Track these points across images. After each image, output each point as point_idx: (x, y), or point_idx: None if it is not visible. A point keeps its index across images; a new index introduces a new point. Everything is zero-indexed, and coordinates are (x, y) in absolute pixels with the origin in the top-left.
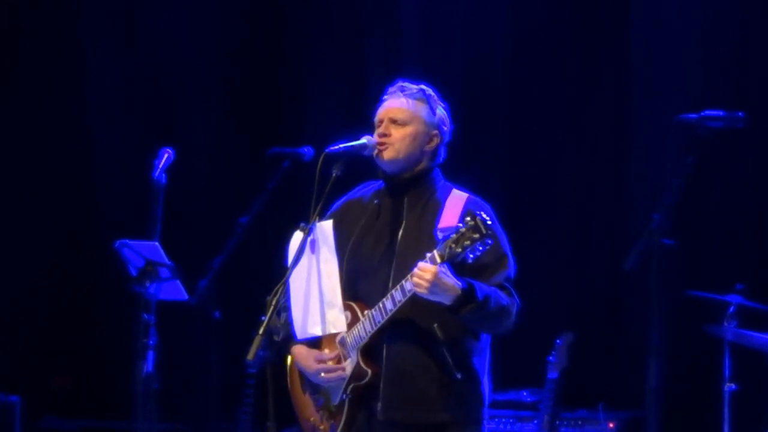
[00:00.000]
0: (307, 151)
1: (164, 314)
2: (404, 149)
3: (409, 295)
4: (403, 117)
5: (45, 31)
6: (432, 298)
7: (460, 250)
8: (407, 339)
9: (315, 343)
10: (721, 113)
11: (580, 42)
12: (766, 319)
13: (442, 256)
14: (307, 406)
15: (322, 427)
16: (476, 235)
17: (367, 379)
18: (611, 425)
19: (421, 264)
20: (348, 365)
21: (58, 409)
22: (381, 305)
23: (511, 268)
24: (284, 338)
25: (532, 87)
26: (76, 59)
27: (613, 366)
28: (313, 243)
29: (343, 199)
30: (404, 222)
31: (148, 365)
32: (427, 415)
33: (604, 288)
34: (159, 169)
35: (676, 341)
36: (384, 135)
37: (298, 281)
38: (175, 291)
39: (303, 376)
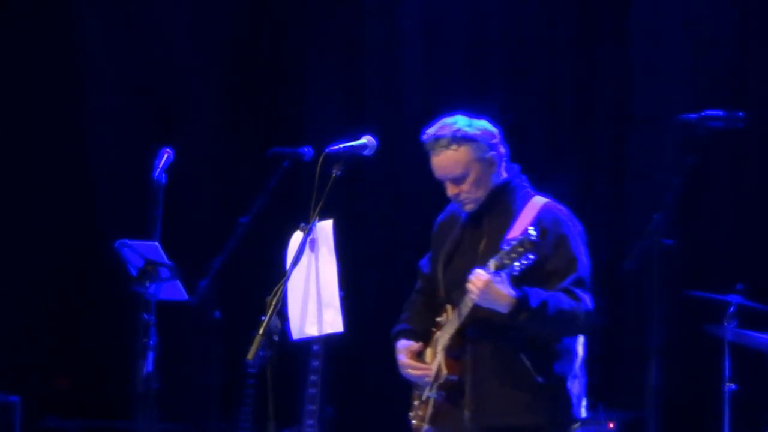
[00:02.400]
0: (307, 151)
1: (164, 314)
2: (480, 192)
3: (471, 302)
4: (460, 172)
5: (45, 30)
6: (486, 305)
7: (509, 261)
8: (488, 345)
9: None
10: (721, 113)
11: (581, 42)
12: (766, 319)
13: (496, 266)
14: (414, 399)
15: (415, 422)
16: (521, 249)
17: (442, 380)
18: (611, 425)
19: (475, 271)
20: (434, 365)
21: (58, 409)
22: (458, 309)
23: (579, 272)
24: (395, 332)
25: (532, 87)
26: (77, 59)
27: (613, 366)
28: (313, 242)
29: (440, 218)
30: (485, 234)
31: (148, 365)
32: (511, 420)
33: (603, 288)
34: (159, 169)
35: (676, 341)
36: (455, 195)
37: (296, 281)
38: (175, 291)
39: None
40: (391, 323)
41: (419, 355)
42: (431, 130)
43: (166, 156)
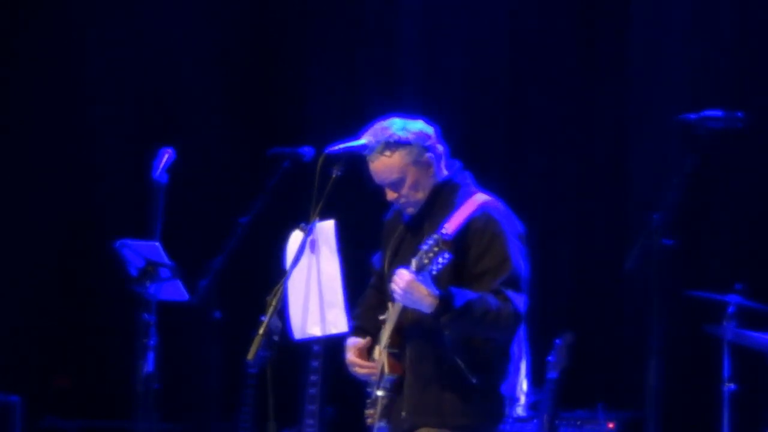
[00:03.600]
0: (307, 151)
1: (164, 314)
2: (419, 194)
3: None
4: (395, 177)
5: (45, 30)
6: (409, 305)
7: (426, 261)
8: (423, 345)
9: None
10: (721, 113)
11: (580, 42)
12: (766, 319)
13: (417, 266)
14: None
15: (369, 420)
16: (436, 249)
17: (385, 378)
18: (611, 425)
19: (398, 270)
20: (378, 363)
21: (58, 409)
22: (392, 307)
23: (511, 272)
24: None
25: (531, 87)
26: (77, 59)
27: (613, 366)
28: (313, 243)
29: (385, 217)
30: (425, 235)
31: (148, 365)
32: (445, 420)
33: (604, 288)
34: (159, 169)
35: (676, 341)
36: (395, 199)
37: (297, 281)
38: (175, 291)
39: None
40: None
41: (369, 352)
42: (364, 137)
43: (166, 156)
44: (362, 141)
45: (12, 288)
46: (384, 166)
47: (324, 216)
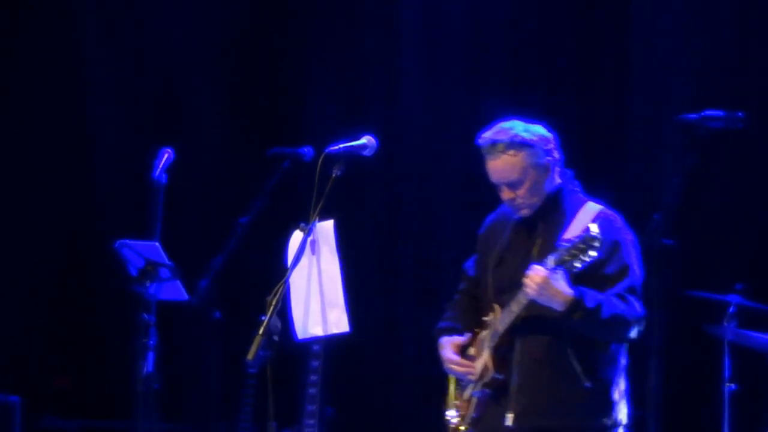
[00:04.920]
0: (307, 151)
1: (164, 314)
2: (535, 198)
3: (527, 298)
4: (516, 177)
5: (45, 30)
6: (541, 301)
7: (569, 258)
8: (537, 345)
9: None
10: (721, 113)
11: (581, 42)
12: (766, 319)
13: (555, 262)
14: (450, 399)
15: (454, 421)
16: (582, 246)
17: (488, 378)
18: None
19: (533, 266)
20: (479, 364)
21: (58, 409)
22: (508, 307)
23: (633, 278)
24: (437, 330)
25: (532, 87)
26: (77, 59)
27: None
28: (313, 243)
29: (489, 219)
30: (539, 238)
31: (148, 365)
32: (554, 422)
33: None
34: (159, 169)
35: (676, 341)
36: (510, 199)
37: (298, 281)
38: (175, 291)
39: None
40: (391, 323)
41: (462, 353)
42: (488, 134)
43: (166, 156)
44: (362, 141)
45: (12, 288)
46: (506, 164)
47: (324, 216)
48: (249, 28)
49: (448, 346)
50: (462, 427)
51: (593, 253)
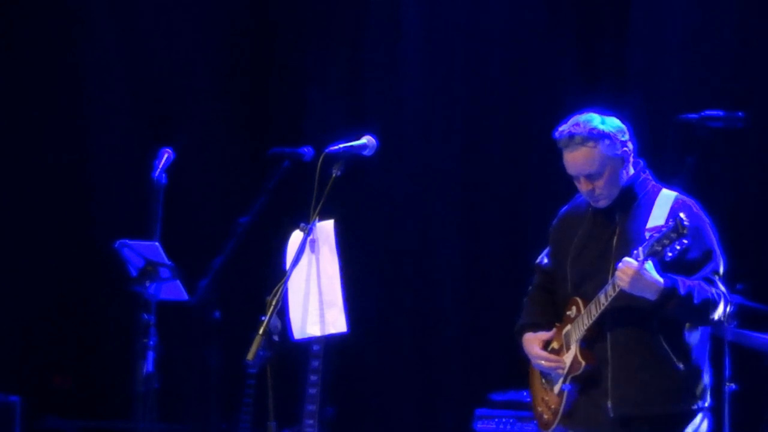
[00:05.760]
0: (307, 151)
1: (164, 314)
2: (614, 189)
3: (617, 289)
4: (595, 169)
5: (44, 30)
6: (635, 292)
7: (659, 248)
8: (627, 333)
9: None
10: (721, 113)
11: (581, 43)
12: (766, 319)
13: (645, 253)
14: (537, 396)
15: (546, 417)
16: (674, 235)
17: (580, 371)
18: None
19: (625, 259)
20: (567, 357)
21: (58, 409)
22: (596, 299)
23: (716, 261)
24: (518, 326)
25: (532, 88)
26: (76, 59)
27: None
28: (313, 243)
29: (562, 211)
30: (618, 228)
31: (148, 365)
32: (653, 408)
33: None
34: (159, 169)
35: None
36: (590, 190)
37: (297, 281)
38: (175, 291)
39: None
40: (391, 323)
41: (546, 348)
42: (565, 127)
43: (166, 156)
44: (362, 141)
45: (12, 288)
46: (585, 156)
47: (324, 216)
48: (249, 28)
49: (534, 342)
50: (555, 422)
51: (685, 241)
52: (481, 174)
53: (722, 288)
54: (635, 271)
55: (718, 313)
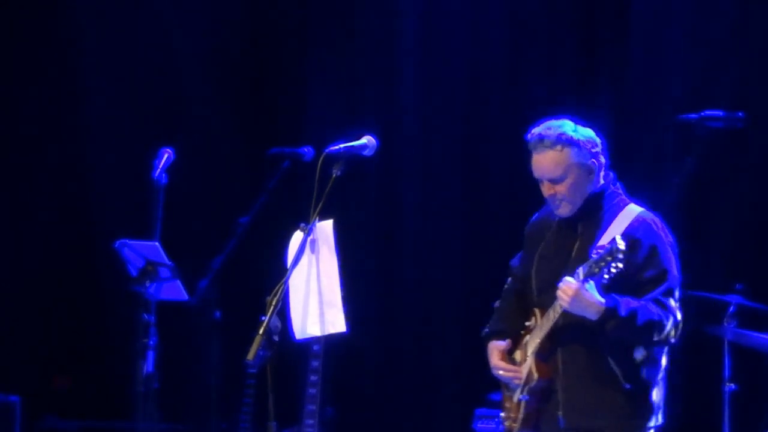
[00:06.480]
0: (307, 151)
1: (164, 314)
2: (577, 198)
3: (560, 308)
4: (559, 173)
5: (44, 30)
6: (575, 311)
7: (597, 270)
8: (578, 349)
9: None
10: (721, 113)
11: (581, 42)
12: (766, 319)
13: (585, 274)
14: (504, 401)
15: (507, 423)
16: (609, 258)
17: (533, 383)
18: None
19: (565, 278)
20: (525, 369)
21: (58, 409)
22: (547, 313)
23: (671, 281)
24: (485, 334)
25: (532, 88)
26: (76, 59)
27: None
28: (313, 243)
29: (534, 217)
30: (579, 239)
31: (148, 365)
32: (600, 423)
33: None
34: (159, 169)
35: (677, 341)
36: (551, 195)
37: (297, 281)
38: (175, 291)
39: None
40: (391, 323)
41: (509, 356)
42: (537, 130)
43: (166, 156)
44: (362, 141)
45: (12, 288)
46: (551, 160)
47: (324, 216)
48: (249, 28)
49: (495, 352)
50: (515, 429)
51: (619, 265)
52: (481, 174)
53: (675, 308)
54: (575, 291)
55: (664, 334)
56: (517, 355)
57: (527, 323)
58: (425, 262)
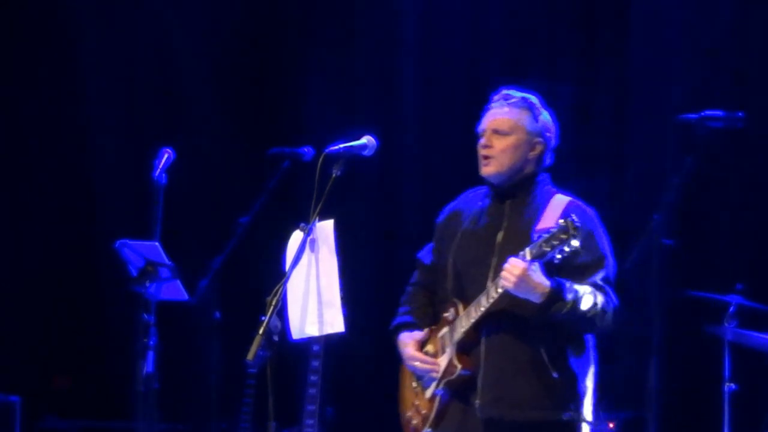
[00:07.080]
0: (307, 151)
1: (164, 314)
2: (507, 161)
3: (501, 291)
4: (506, 127)
5: (44, 30)
6: (520, 294)
7: (548, 249)
8: (504, 338)
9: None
10: (721, 113)
11: (580, 41)
12: (766, 319)
13: (532, 254)
14: (407, 399)
15: (414, 422)
16: (563, 236)
17: (455, 375)
18: (611, 425)
19: (511, 259)
20: (443, 361)
21: (58, 409)
22: (477, 301)
23: (609, 268)
24: (394, 325)
25: (531, 87)
26: (76, 58)
27: (613, 366)
28: (313, 242)
29: (449, 207)
30: (505, 224)
31: (148, 365)
32: (523, 413)
33: None
34: (159, 169)
35: (676, 341)
36: (486, 146)
37: (296, 280)
38: (175, 291)
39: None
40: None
41: (420, 350)
42: (506, 91)
43: (166, 156)
44: (362, 141)
45: (12, 288)
46: (506, 113)
47: (324, 216)
48: (249, 28)
49: (409, 343)
50: (425, 428)
51: (575, 243)
52: (476, 171)
53: (612, 296)
54: (522, 270)
55: (606, 321)
56: (429, 348)
57: (445, 315)
58: None
